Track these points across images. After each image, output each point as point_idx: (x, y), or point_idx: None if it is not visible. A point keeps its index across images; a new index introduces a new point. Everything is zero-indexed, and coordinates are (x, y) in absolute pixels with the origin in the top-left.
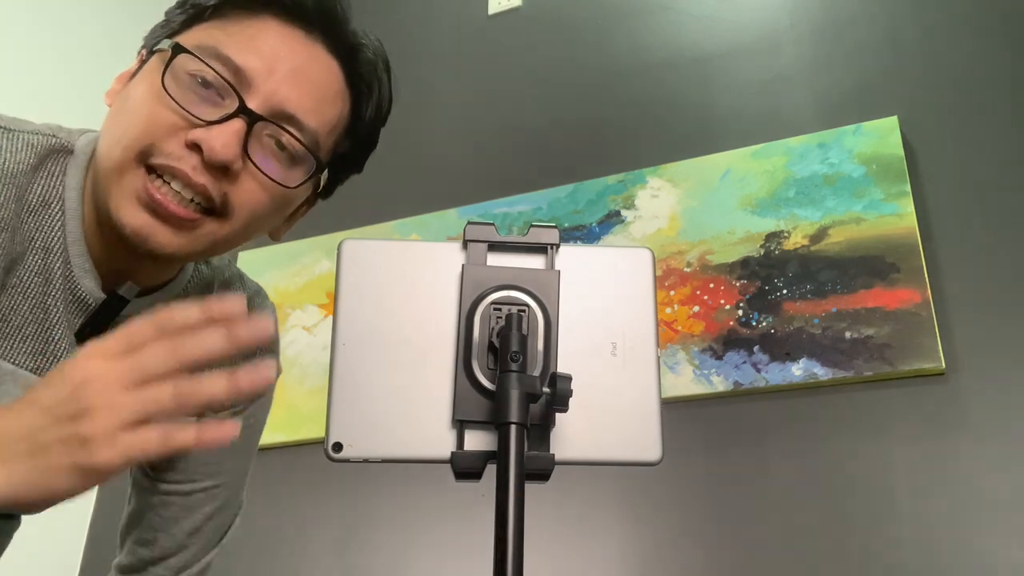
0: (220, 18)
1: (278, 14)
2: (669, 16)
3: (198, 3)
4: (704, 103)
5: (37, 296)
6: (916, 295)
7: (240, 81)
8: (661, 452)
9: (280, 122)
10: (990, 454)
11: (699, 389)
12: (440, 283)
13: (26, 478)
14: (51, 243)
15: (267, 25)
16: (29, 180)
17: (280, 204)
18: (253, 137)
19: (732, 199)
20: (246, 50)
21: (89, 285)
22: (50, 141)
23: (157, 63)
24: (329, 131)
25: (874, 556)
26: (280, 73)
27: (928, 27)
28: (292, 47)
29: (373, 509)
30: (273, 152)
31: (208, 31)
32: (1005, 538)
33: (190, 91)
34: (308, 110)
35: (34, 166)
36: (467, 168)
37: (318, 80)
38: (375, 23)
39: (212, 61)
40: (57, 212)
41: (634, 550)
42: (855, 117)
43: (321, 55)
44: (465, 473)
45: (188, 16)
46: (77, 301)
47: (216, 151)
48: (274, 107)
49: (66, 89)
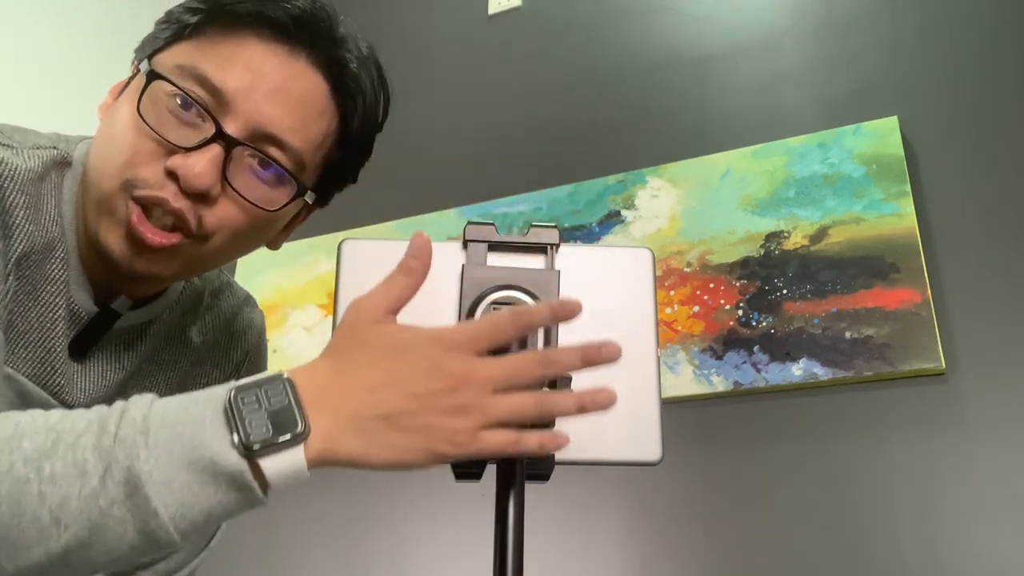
0: (200, 36)
1: (259, 31)
2: (669, 16)
3: (180, 19)
4: (704, 103)
5: (45, 305)
6: (916, 295)
7: (219, 102)
8: (661, 452)
9: (261, 144)
10: (990, 454)
11: (699, 389)
12: (440, 283)
13: (382, 452)
14: (55, 254)
15: (247, 43)
16: (38, 190)
17: (264, 224)
18: (233, 161)
19: (732, 199)
20: (225, 70)
21: (83, 298)
22: (51, 154)
23: (137, 86)
24: (316, 148)
25: (874, 555)
26: (261, 92)
27: (928, 27)
28: (273, 65)
29: (373, 509)
30: (255, 173)
31: (188, 50)
32: (1005, 538)
33: (169, 114)
34: (291, 129)
35: (40, 176)
36: (467, 168)
37: (301, 97)
38: (375, 23)
39: (190, 83)
40: (57, 225)
41: (634, 550)
42: (855, 117)
43: (304, 71)
44: (465, 473)
45: (171, 33)
46: (71, 314)
47: (191, 180)
48: (255, 128)
49: (65, 86)
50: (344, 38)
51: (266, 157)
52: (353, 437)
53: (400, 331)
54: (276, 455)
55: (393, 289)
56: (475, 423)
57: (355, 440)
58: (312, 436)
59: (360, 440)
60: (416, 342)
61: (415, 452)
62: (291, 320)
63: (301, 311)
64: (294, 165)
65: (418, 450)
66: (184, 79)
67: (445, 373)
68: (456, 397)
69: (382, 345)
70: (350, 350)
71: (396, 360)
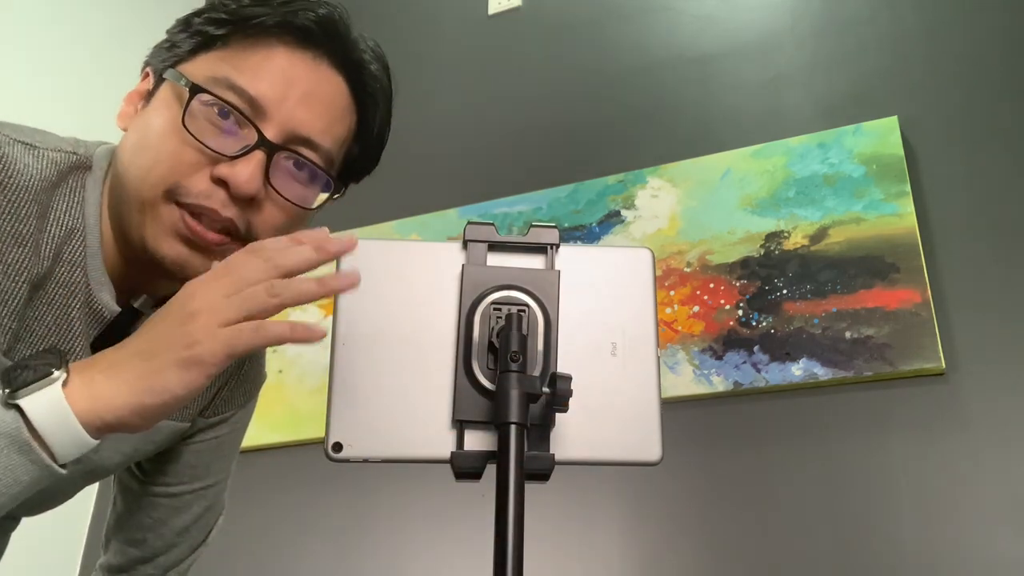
0: (227, 47)
1: (284, 39)
2: (669, 16)
3: (204, 31)
4: (704, 103)
5: (61, 308)
6: (916, 295)
7: (255, 110)
8: (661, 452)
9: (297, 147)
10: (990, 454)
11: (699, 389)
12: (440, 283)
13: (139, 384)
14: (74, 257)
15: (274, 52)
16: (50, 196)
17: (299, 221)
18: (273, 164)
19: (732, 199)
20: (258, 79)
21: (105, 298)
22: (71, 158)
23: (170, 96)
24: (341, 145)
25: (874, 556)
26: (293, 99)
27: (928, 27)
28: (301, 71)
29: (373, 509)
30: (292, 174)
31: (217, 61)
32: (1005, 538)
33: (209, 124)
34: (321, 131)
35: (55, 183)
36: (467, 168)
37: (327, 100)
38: (375, 23)
39: (227, 94)
40: (79, 228)
41: (634, 550)
42: (855, 117)
43: (328, 74)
44: (465, 473)
45: (195, 44)
46: (93, 313)
47: (242, 186)
48: (290, 133)
49: (68, 86)
50: (357, 39)
51: (303, 159)
52: (110, 381)
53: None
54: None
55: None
56: (211, 322)
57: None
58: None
59: (116, 381)
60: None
61: (170, 367)
62: (291, 320)
63: (301, 311)
64: (325, 163)
65: (172, 364)
66: (220, 89)
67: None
68: (185, 308)
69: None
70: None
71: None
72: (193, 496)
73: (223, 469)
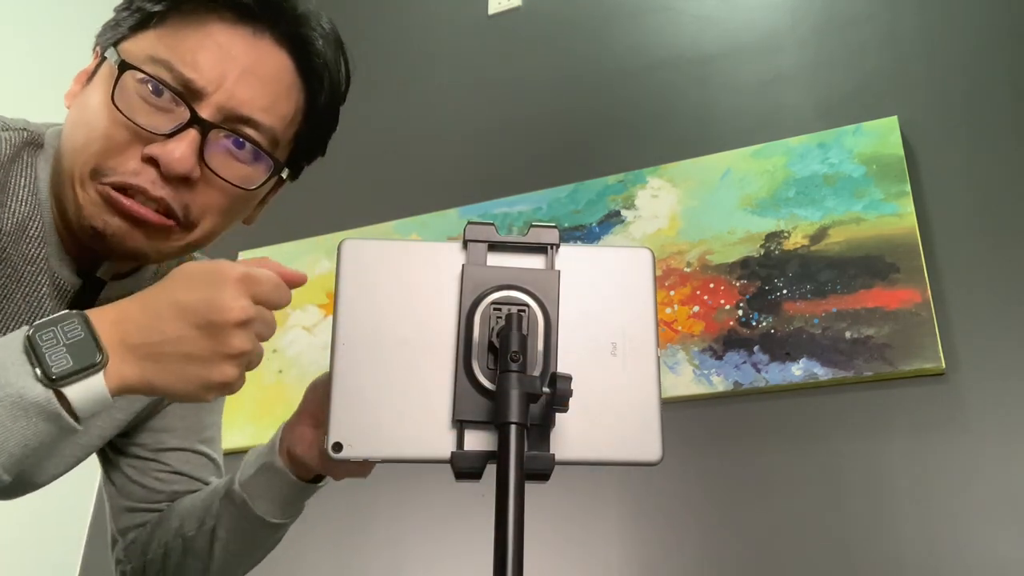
0: (165, 24)
1: (223, 16)
2: (669, 16)
3: (143, 8)
4: (704, 103)
5: (30, 284)
6: (916, 295)
7: (191, 89)
8: (661, 452)
9: (235, 125)
10: (990, 454)
11: (699, 389)
12: (440, 283)
13: (166, 378)
14: (33, 232)
15: (213, 29)
16: (7, 174)
17: (243, 202)
18: (209, 143)
19: (732, 199)
20: (194, 57)
21: (65, 273)
22: (23, 135)
23: (107, 74)
24: (288, 124)
25: (874, 556)
26: (231, 77)
27: (928, 27)
28: (240, 48)
29: (372, 509)
30: (232, 154)
31: (155, 38)
32: (1005, 537)
33: (142, 101)
34: (262, 109)
35: (12, 158)
36: (467, 168)
37: (269, 77)
38: (375, 23)
39: (160, 71)
40: (34, 204)
41: (634, 550)
42: (855, 117)
43: (270, 51)
44: (465, 473)
45: (135, 21)
46: (57, 289)
47: (172, 165)
48: (228, 111)
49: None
50: (306, 15)
51: (241, 137)
52: (141, 365)
53: (197, 265)
54: (78, 383)
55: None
56: (242, 368)
57: (143, 368)
58: (110, 365)
59: (147, 369)
60: (206, 274)
61: (195, 383)
62: (291, 320)
63: (301, 311)
64: (268, 143)
65: (198, 382)
66: (154, 67)
67: (225, 315)
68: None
69: (181, 277)
70: (157, 286)
71: (187, 291)
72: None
73: (216, 423)
